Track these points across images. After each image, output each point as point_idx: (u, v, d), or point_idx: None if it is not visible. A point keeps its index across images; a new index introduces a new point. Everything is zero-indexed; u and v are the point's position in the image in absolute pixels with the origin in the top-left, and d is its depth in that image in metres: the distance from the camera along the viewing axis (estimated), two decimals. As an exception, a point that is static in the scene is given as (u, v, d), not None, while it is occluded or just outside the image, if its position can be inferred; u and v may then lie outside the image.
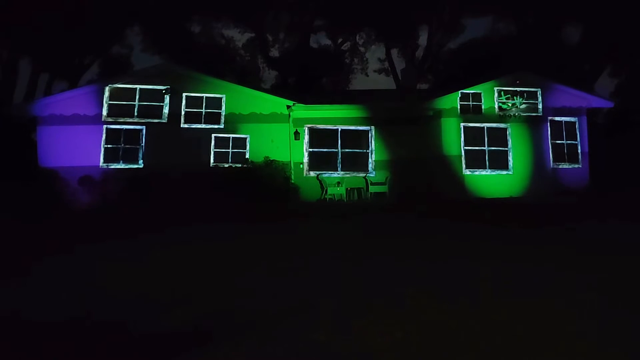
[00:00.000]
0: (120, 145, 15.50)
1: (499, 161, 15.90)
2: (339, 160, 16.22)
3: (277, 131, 16.08)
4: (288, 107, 16.00)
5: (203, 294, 4.62)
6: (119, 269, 5.75)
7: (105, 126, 15.46)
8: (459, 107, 15.91)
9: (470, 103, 16.05)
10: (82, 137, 15.25)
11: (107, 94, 15.64)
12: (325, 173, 16.00)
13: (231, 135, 15.93)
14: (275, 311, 3.94)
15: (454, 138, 15.69)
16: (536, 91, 16.33)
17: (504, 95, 16.03)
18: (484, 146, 15.86)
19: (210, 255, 6.60)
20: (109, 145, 15.44)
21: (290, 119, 16.08)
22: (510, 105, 15.88)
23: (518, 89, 16.21)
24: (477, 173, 15.68)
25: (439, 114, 15.88)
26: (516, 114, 16.03)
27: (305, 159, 16.06)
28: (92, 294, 4.63)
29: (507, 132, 16.02)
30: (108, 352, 3.21)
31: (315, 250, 6.79)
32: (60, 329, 3.67)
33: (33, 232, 9.31)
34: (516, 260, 5.74)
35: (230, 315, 3.91)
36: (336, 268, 5.54)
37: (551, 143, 16.28)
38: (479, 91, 16.09)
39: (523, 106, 16.09)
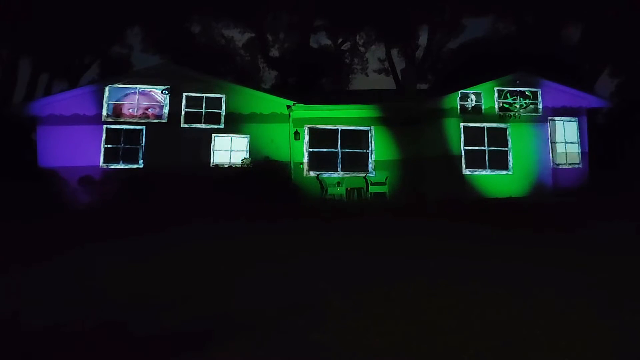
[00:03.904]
0: (120, 145, 15.50)
1: (499, 161, 15.88)
2: (339, 160, 16.22)
3: (277, 131, 16.09)
4: (288, 107, 16.00)
5: (203, 293, 4.62)
6: (118, 269, 5.75)
7: (105, 126, 15.47)
8: (459, 107, 15.89)
9: (470, 103, 16.04)
10: (82, 137, 15.25)
11: (107, 94, 15.64)
12: (325, 173, 16.00)
13: (231, 136, 15.94)
14: (275, 311, 3.94)
15: (454, 138, 15.68)
16: (536, 91, 16.32)
17: (510, 96, 16.00)
18: (484, 146, 15.84)
19: (210, 255, 6.59)
20: (109, 145, 15.44)
21: (290, 119, 16.08)
22: (517, 106, 15.86)
23: (519, 89, 16.20)
24: (477, 173, 15.67)
25: (439, 114, 15.87)
26: (517, 115, 16.01)
27: (305, 159, 16.06)
28: (92, 294, 4.63)
29: (507, 132, 16.01)
30: (108, 353, 3.20)
31: (315, 250, 6.79)
32: (59, 329, 3.67)
33: (32, 232, 9.30)
34: (516, 260, 5.73)
35: (230, 315, 3.91)
36: (336, 268, 5.53)
37: (551, 143, 16.28)
38: (479, 91, 16.08)
39: (531, 107, 16.07)
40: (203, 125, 15.88)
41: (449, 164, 15.55)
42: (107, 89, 15.68)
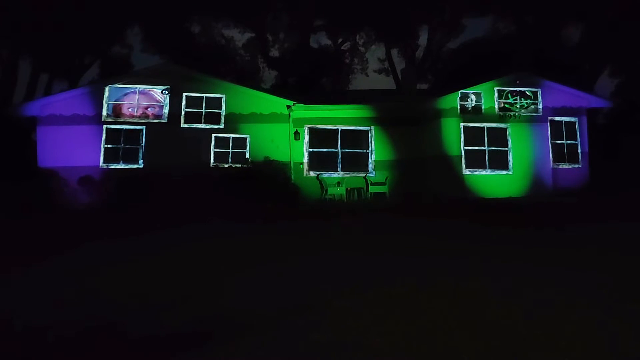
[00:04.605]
0: (120, 145, 15.50)
1: (499, 161, 15.87)
2: (339, 160, 16.21)
3: (277, 131, 16.08)
4: (288, 107, 16.00)
5: (203, 293, 4.62)
6: (118, 269, 5.75)
7: (105, 126, 15.46)
8: (459, 107, 15.88)
9: (470, 103, 16.02)
10: (82, 137, 15.25)
11: (107, 94, 15.63)
12: (325, 173, 16.00)
13: (231, 135, 15.93)
14: (275, 311, 3.94)
15: (454, 138, 15.67)
16: (536, 91, 16.31)
17: (511, 96, 15.98)
18: (484, 146, 15.83)
19: (210, 255, 6.59)
20: (109, 145, 15.44)
21: (290, 119, 16.08)
22: (518, 106, 15.85)
23: (520, 89, 16.19)
24: (477, 173, 15.66)
25: (439, 114, 15.87)
26: (517, 115, 16.01)
27: (305, 159, 16.06)
28: (91, 294, 4.63)
29: (507, 132, 16.00)
30: (108, 353, 3.20)
31: (315, 250, 6.79)
32: (59, 329, 3.67)
33: (32, 232, 9.31)
34: (516, 260, 5.73)
35: (230, 315, 3.91)
36: (336, 268, 5.53)
37: (551, 143, 16.26)
38: (479, 91, 16.07)
39: (532, 107, 16.06)
40: (203, 125, 15.87)
41: (449, 164, 15.54)
42: (107, 89, 15.67)
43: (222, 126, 15.94)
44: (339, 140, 16.29)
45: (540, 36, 24.75)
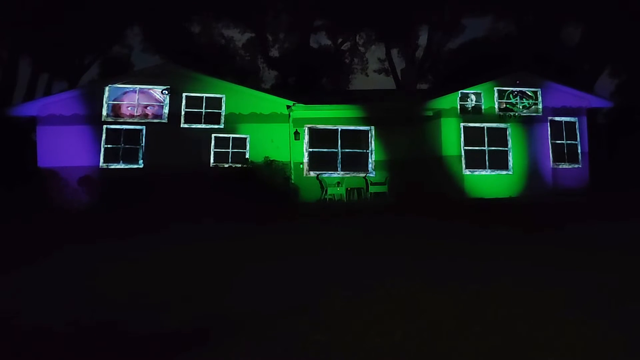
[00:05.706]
0: (120, 145, 15.49)
1: (499, 161, 15.87)
2: (339, 160, 16.21)
3: (277, 131, 16.08)
4: (288, 107, 15.99)
5: (202, 293, 4.62)
6: (118, 269, 5.75)
7: (105, 126, 15.46)
8: (458, 107, 15.88)
9: (470, 103, 16.02)
10: (82, 137, 15.24)
11: (107, 93, 15.63)
12: (325, 173, 16.00)
13: (231, 135, 15.93)
14: (275, 311, 3.94)
15: (453, 138, 15.67)
16: (536, 91, 16.32)
17: (513, 97, 15.97)
18: (484, 146, 15.83)
19: (209, 255, 6.59)
20: (109, 145, 15.43)
21: (290, 119, 16.08)
22: (520, 107, 15.85)
23: (520, 89, 16.19)
24: (476, 173, 15.66)
25: (438, 114, 15.87)
26: (516, 114, 16.01)
27: (305, 159, 16.06)
28: (91, 294, 4.62)
29: (507, 132, 16.00)
30: (108, 353, 3.20)
31: (314, 250, 6.79)
32: (58, 329, 3.67)
33: (31, 232, 9.31)
34: (515, 260, 5.73)
35: (230, 316, 3.91)
36: (337, 268, 5.53)
37: (551, 143, 16.26)
38: (479, 91, 16.07)
39: (533, 107, 16.06)
40: (203, 125, 15.87)
41: (449, 164, 15.55)
42: (107, 89, 15.67)
43: (222, 126, 15.94)
44: (339, 140, 16.29)
45: (540, 36, 24.75)
